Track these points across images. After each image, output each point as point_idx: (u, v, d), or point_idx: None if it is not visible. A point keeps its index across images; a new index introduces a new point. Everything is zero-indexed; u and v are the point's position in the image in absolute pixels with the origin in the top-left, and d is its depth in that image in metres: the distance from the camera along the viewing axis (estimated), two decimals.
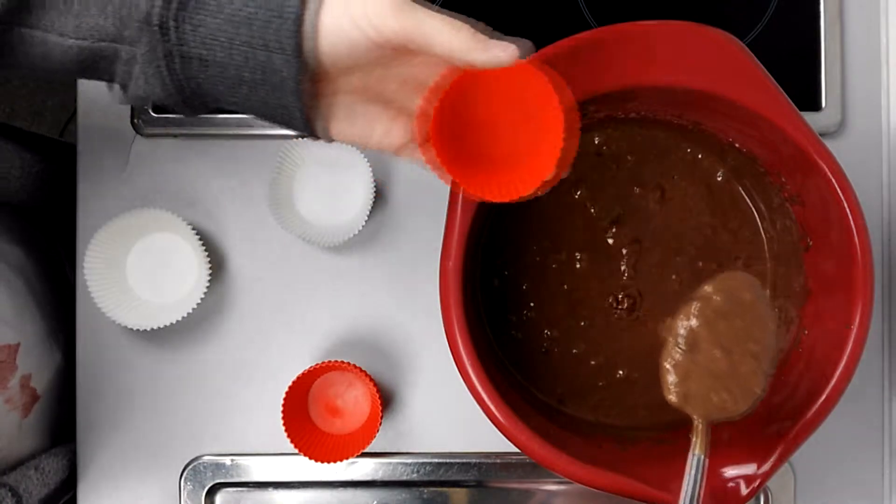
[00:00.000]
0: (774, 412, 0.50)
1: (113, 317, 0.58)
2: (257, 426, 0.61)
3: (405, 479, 0.61)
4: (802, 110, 0.49)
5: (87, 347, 0.61)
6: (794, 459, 0.58)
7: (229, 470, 0.61)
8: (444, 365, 0.53)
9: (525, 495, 0.62)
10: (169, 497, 0.61)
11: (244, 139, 0.62)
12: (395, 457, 0.61)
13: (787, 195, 0.53)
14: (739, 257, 0.57)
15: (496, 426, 0.49)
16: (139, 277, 0.60)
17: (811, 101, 0.62)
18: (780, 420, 0.49)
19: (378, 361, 0.62)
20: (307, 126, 0.42)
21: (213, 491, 0.61)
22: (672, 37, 0.49)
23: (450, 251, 0.49)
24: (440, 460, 0.61)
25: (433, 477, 0.61)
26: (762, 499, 0.61)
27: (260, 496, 0.61)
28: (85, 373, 0.61)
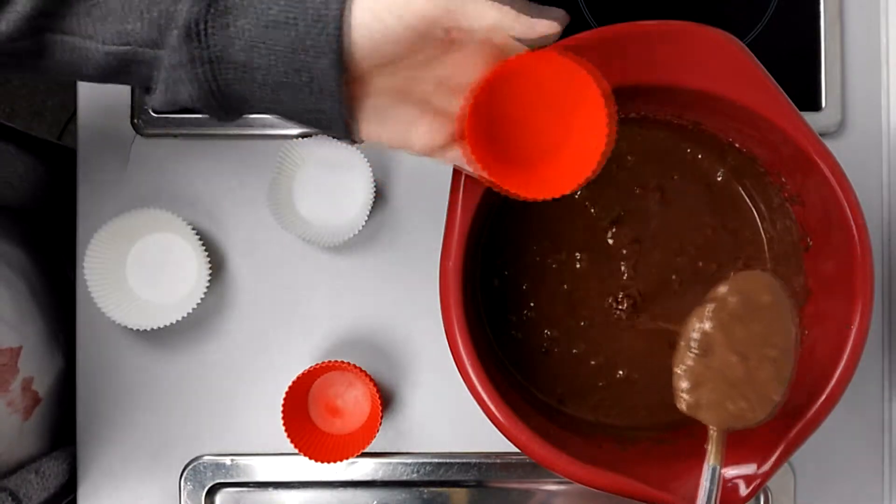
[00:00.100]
0: None
1: (113, 317, 0.58)
2: (257, 426, 0.61)
3: (405, 479, 0.61)
4: (802, 110, 0.49)
5: (87, 347, 0.61)
6: (794, 459, 0.58)
7: (229, 470, 0.61)
8: (444, 365, 0.53)
9: (525, 495, 0.62)
10: (169, 497, 0.61)
11: (244, 139, 0.62)
12: (395, 457, 0.61)
13: (787, 195, 0.53)
14: (739, 257, 0.57)
15: (496, 426, 0.49)
16: (139, 277, 0.60)
17: (811, 101, 0.62)
18: (780, 420, 0.49)
19: (378, 361, 0.62)
20: (346, 129, 0.42)
21: (213, 491, 0.61)
22: (672, 37, 0.49)
23: (450, 251, 0.49)
24: (440, 460, 0.61)
25: (433, 477, 0.61)
26: (762, 499, 0.61)
27: (260, 496, 0.61)
28: (85, 373, 0.61)
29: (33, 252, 0.64)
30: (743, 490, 0.48)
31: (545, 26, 0.39)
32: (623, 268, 0.56)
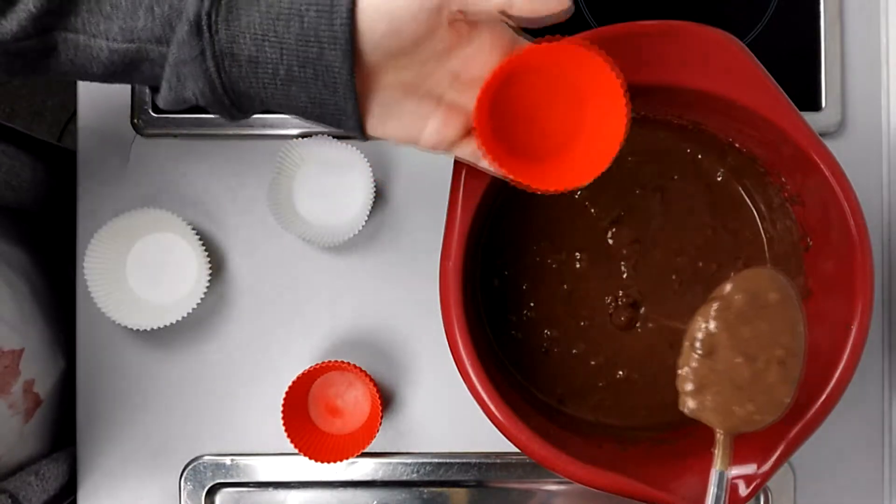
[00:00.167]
0: None
1: (113, 317, 0.58)
2: (257, 426, 0.61)
3: (405, 479, 0.61)
4: (802, 110, 0.49)
5: (87, 347, 0.61)
6: (794, 459, 0.58)
7: (229, 470, 0.61)
8: (444, 365, 0.53)
9: (525, 495, 0.62)
10: (169, 497, 0.61)
11: (244, 139, 0.62)
12: (395, 457, 0.61)
13: (787, 195, 0.53)
14: (739, 257, 0.57)
15: (496, 426, 0.49)
16: (139, 277, 0.60)
17: (811, 101, 0.62)
18: (781, 420, 0.49)
19: (378, 361, 0.62)
20: (358, 122, 0.41)
21: (213, 491, 0.61)
22: (672, 37, 0.49)
23: (450, 251, 0.49)
24: (440, 460, 0.61)
25: (433, 477, 0.61)
26: (762, 499, 0.61)
27: (260, 496, 0.61)
28: (85, 373, 0.61)
29: (34, 253, 0.64)
30: (743, 490, 0.48)
31: (556, 2, 0.38)
32: (623, 268, 0.56)
